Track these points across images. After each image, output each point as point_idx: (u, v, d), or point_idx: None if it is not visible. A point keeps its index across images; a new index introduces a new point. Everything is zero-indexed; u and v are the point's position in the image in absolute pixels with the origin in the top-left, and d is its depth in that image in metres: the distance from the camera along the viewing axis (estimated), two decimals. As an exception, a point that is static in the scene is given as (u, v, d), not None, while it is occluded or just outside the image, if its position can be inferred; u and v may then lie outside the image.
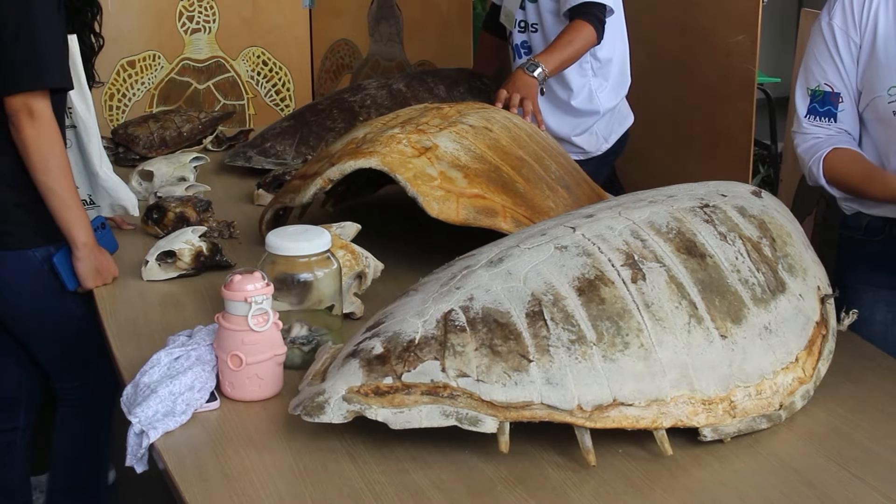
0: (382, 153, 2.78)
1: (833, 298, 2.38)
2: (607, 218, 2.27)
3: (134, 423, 2.11)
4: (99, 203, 3.07)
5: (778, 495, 1.97)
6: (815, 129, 2.72)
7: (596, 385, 2.01)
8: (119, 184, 3.08)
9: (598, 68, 3.82)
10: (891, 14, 2.62)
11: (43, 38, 2.68)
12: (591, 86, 3.82)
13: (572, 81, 3.81)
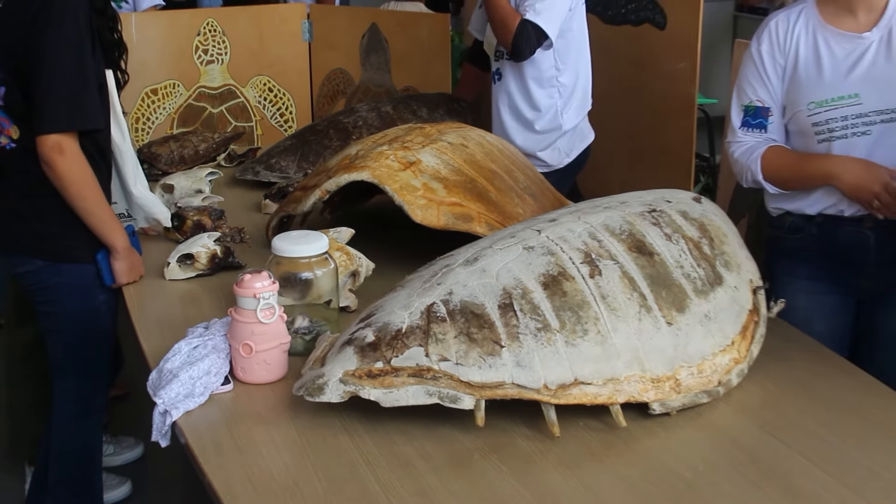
0: (373, 167, 2.78)
1: (763, 289, 2.39)
2: (568, 222, 2.27)
3: (158, 403, 2.11)
4: (135, 216, 3.07)
5: (717, 460, 1.98)
6: (749, 137, 2.72)
7: (559, 367, 2.01)
8: (153, 200, 3.08)
9: (563, 91, 3.81)
10: (809, 42, 2.64)
11: (75, 84, 2.67)
12: (557, 106, 3.81)
13: (540, 102, 3.80)
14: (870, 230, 2.63)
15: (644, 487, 1.88)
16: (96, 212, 2.75)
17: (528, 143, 3.82)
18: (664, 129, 4.23)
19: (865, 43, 2.61)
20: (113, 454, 3.81)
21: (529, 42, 3.57)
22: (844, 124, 2.58)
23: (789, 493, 1.86)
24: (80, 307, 2.89)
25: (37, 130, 2.68)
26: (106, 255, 2.78)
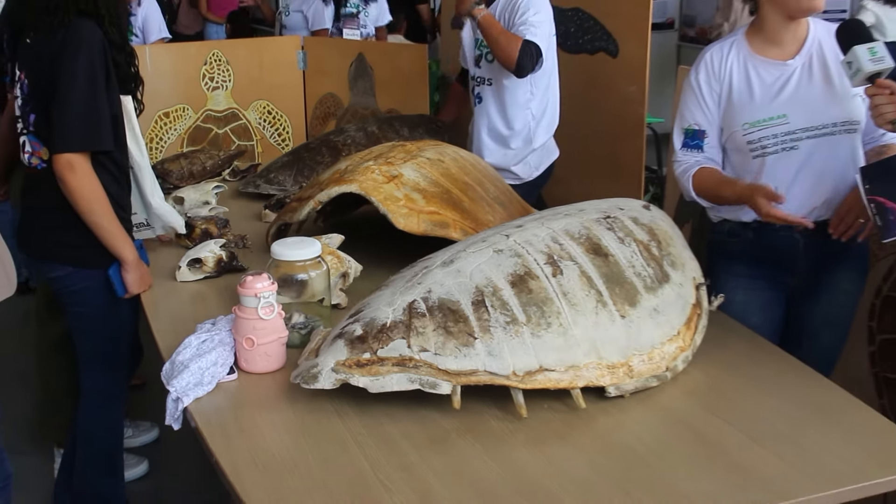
0: (360, 180, 2.77)
1: (705, 286, 2.39)
2: (533, 227, 2.27)
3: (171, 391, 2.11)
4: (153, 225, 3.06)
5: (665, 436, 1.99)
6: (687, 157, 2.73)
7: (526, 356, 2.01)
8: (169, 210, 3.07)
9: (535, 114, 3.81)
10: (741, 70, 2.65)
11: (87, 110, 2.66)
12: (530, 127, 3.81)
13: (515, 123, 3.80)
14: (800, 234, 2.64)
15: (601, 461, 1.88)
16: (105, 225, 2.73)
17: (503, 159, 3.83)
18: (618, 145, 4.24)
19: (790, 69, 2.62)
20: (132, 437, 3.80)
21: (532, 60, 3.58)
22: (775, 141, 2.59)
23: (729, 464, 1.87)
24: (104, 308, 2.88)
25: (52, 150, 2.68)
26: (117, 268, 2.77)
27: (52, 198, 2.77)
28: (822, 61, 2.61)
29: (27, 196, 2.92)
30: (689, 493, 1.78)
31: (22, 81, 2.79)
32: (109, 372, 3.04)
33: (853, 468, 1.87)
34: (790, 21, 2.61)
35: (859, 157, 2.63)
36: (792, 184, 2.60)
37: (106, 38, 2.72)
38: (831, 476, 1.85)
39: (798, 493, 1.79)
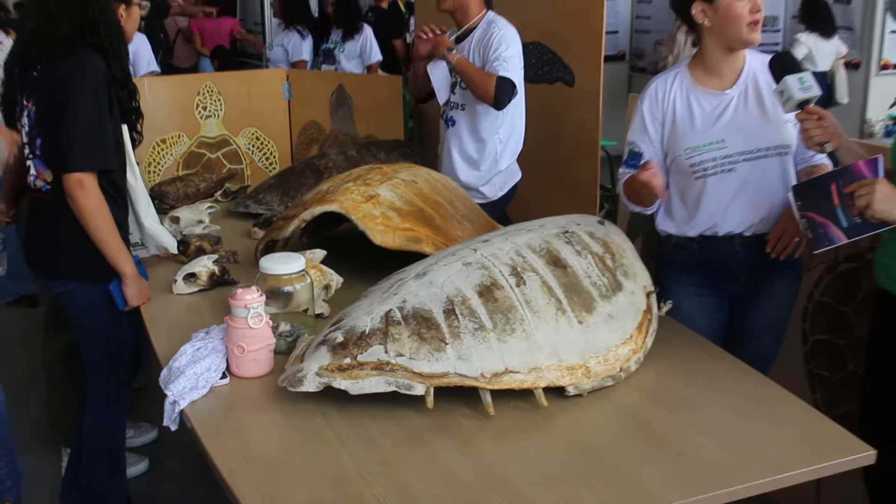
0: (341, 200, 2.77)
1: (654, 293, 2.40)
2: (498, 242, 2.28)
3: (169, 395, 2.10)
4: (147, 245, 3.05)
5: (619, 430, 2.00)
6: (626, 173, 2.75)
7: (493, 359, 2.02)
8: (162, 231, 3.06)
9: (502, 139, 3.81)
10: (683, 99, 2.66)
11: (94, 133, 2.66)
12: (497, 150, 3.81)
13: (485, 147, 3.80)
14: (739, 245, 2.66)
15: (562, 454, 1.89)
16: (109, 241, 2.72)
17: (472, 179, 3.83)
18: (575, 166, 4.26)
19: (728, 98, 2.64)
20: (133, 437, 3.77)
21: (508, 94, 3.58)
22: (714, 164, 2.61)
23: (677, 454, 1.88)
24: (106, 320, 2.87)
25: (62, 169, 2.66)
26: (117, 283, 2.76)
27: (55, 219, 2.76)
28: (756, 90, 2.63)
29: (32, 218, 2.91)
30: (640, 481, 1.79)
31: (29, 109, 2.78)
32: (112, 378, 3.03)
33: (789, 457, 1.89)
34: (729, 53, 2.63)
35: (791, 177, 2.65)
36: (731, 202, 2.62)
37: (109, 71, 2.72)
38: (769, 464, 1.86)
39: (739, 479, 1.81)
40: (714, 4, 2.57)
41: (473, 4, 3.76)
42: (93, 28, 2.70)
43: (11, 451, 2.53)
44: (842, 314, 2.92)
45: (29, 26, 2.81)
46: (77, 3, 2.69)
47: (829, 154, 2.37)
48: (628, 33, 8.99)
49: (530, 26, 4.15)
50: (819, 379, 3.02)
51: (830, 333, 2.97)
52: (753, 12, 2.55)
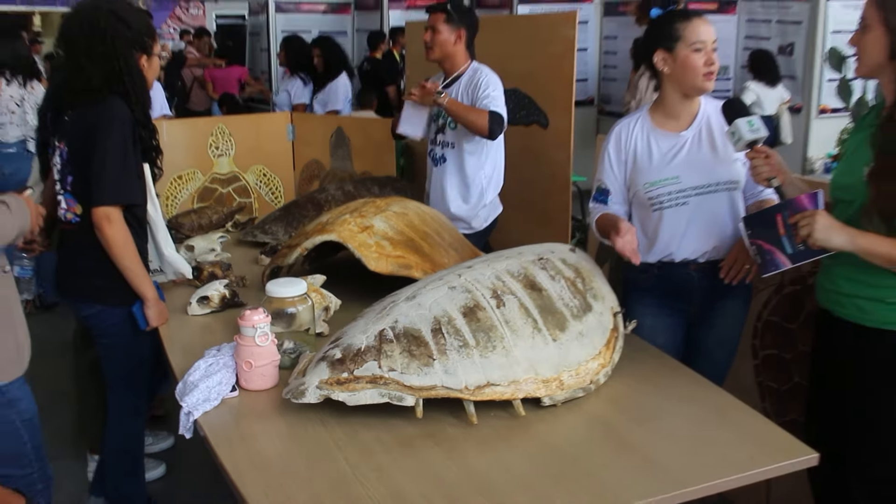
0: (339, 230, 2.77)
1: (620, 314, 2.40)
2: (481, 268, 2.28)
3: (184, 406, 2.10)
4: (165, 271, 3.04)
5: (591, 437, 2.00)
6: (595, 208, 2.75)
7: (476, 373, 2.01)
8: (178, 259, 3.05)
9: (487, 176, 3.82)
10: (644, 140, 2.67)
11: (121, 171, 2.67)
12: (483, 185, 3.82)
13: (472, 183, 3.81)
14: (694, 271, 2.66)
15: (539, 459, 1.89)
16: (133, 268, 2.72)
17: (461, 211, 3.84)
18: (549, 200, 4.28)
19: (683, 139, 2.65)
20: (151, 444, 3.75)
21: (500, 125, 3.61)
22: (670, 197, 2.62)
23: (642, 458, 1.88)
24: (128, 340, 2.86)
25: (91, 204, 2.67)
26: (140, 306, 2.75)
27: (83, 248, 2.76)
28: (709, 132, 2.64)
29: (62, 247, 2.90)
30: (608, 483, 1.79)
31: (62, 150, 2.79)
32: (132, 391, 3.02)
33: (741, 459, 1.89)
34: (686, 98, 2.65)
35: (739, 210, 2.66)
36: (685, 232, 2.63)
37: (133, 115, 2.73)
38: (724, 466, 1.87)
39: (698, 480, 1.81)
40: (673, 54, 2.59)
41: (460, 55, 3.80)
42: (118, 77, 2.71)
43: (42, 458, 2.51)
44: (787, 331, 2.93)
45: (60, 76, 2.82)
46: (104, 56, 2.70)
47: (775, 189, 2.38)
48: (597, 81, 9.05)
49: (509, 75, 4.17)
50: (768, 390, 3.02)
51: (778, 349, 2.97)
52: (708, 64, 2.57)
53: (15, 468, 2.43)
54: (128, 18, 2.77)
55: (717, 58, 2.61)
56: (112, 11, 2.74)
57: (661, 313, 2.71)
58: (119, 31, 2.73)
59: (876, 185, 2.15)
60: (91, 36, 2.71)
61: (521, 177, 4.25)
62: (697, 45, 2.56)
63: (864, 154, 2.22)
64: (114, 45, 2.72)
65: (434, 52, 3.81)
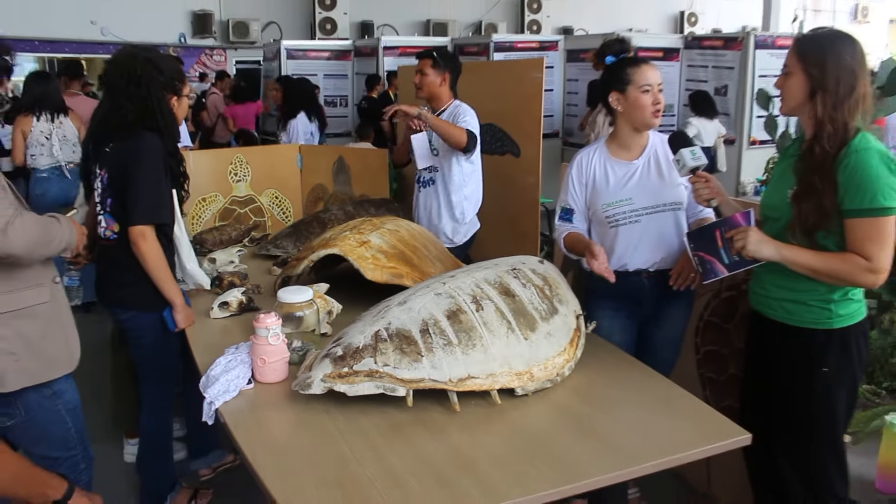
0: (340, 245, 2.76)
1: (582, 316, 2.41)
2: (462, 277, 2.27)
3: (207, 397, 2.09)
4: (187, 282, 3.04)
5: (557, 422, 1.99)
6: (561, 226, 2.75)
7: (458, 368, 2.01)
8: (199, 272, 3.06)
9: (468, 197, 3.82)
10: (601, 167, 2.68)
11: (154, 194, 2.67)
12: (464, 206, 3.82)
13: (456, 203, 3.81)
14: (645, 279, 2.67)
15: (513, 441, 1.89)
16: (164, 278, 2.71)
17: (448, 228, 3.84)
18: (520, 219, 4.29)
19: (635, 167, 2.66)
20: (179, 430, 3.71)
21: (474, 141, 3.64)
22: (624, 216, 2.62)
23: (600, 440, 1.88)
24: (158, 340, 2.84)
25: (129, 223, 2.66)
26: (169, 311, 2.74)
27: (120, 261, 2.75)
28: (657, 160, 2.65)
29: (101, 260, 2.89)
30: (571, 462, 1.79)
31: (102, 176, 2.78)
32: (162, 385, 2.99)
33: (686, 441, 1.90)
34: (636, 133, 2.66)
35: (683, 227, 2.66)
36: (637, 245, 2.63)
37: (164, 147, 2.73)
38: (671, 446, 1.87)
39: (648, 458, 1.82)
40: (625, 95, 2.60)
41: (444, 94, 3.82)
42: (151, 115, 2.72)
43: (85, 441, 2.49)
44: (725, 330, 2.93)
45: (101, 113, 2.82)
46: (139, 96, 2.71)
47: (714, 208, 2.39)
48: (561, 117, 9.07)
49: (486, 112, 4.18)
50: (708, 380, 3.02)
51: (717, 345, 2.98)
52: (655, 104, 2.59)
53: (62, 450, 2.43)
54: (160, 64, 2.78)
55: (663, 98, 2.63)
56: (147, 59, 2.75)
57: (616, 315, 2.71)
58: (153, 76, 2.74)
59: (798, 205, 2.17)
60: (129, 80, 2.72)
61: (496, 199, 4.26)
62: (645, 87, 2.58)
63: (788, 179, 2.24)
64: (148, 88, 2.72)
65: (422, 91, 3.84)
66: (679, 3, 19.00)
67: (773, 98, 4.24)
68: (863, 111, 2.16)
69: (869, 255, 2.09)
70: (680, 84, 8.39)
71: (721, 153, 7.52)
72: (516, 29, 16.24)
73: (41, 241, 2.17)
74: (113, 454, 3.60)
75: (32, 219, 2.15)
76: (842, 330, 2.22)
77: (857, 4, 23.42)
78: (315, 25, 14.07)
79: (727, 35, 8.68)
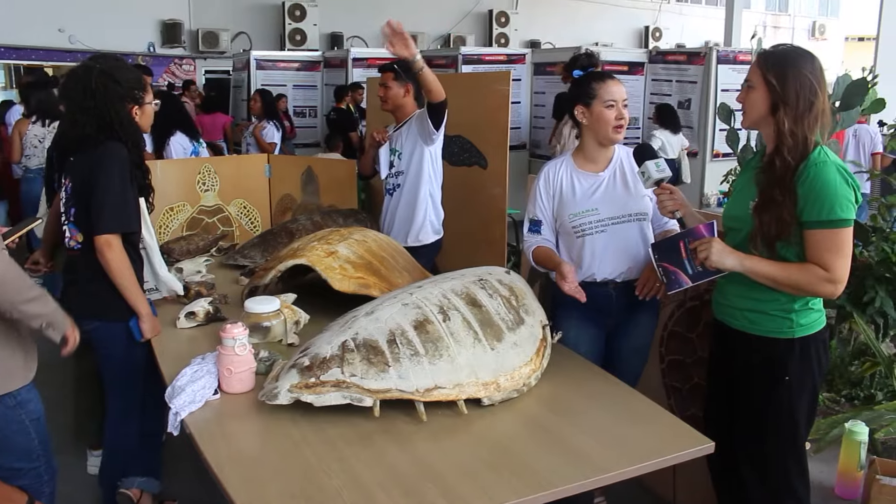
0: (308, 255, 2.74)
1: (549, 326, 2.41)
2: (429, 287, 2.27)
3: (172, 407, 2.06)
4: (160, 289, 3.01)
5: (523, 431, 1.99)
6: (529, 238, 2.76)
7: (425, 378, 2.00)
8: (172, 278, 3.04)
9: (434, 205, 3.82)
10: (568, 179, 2.69)
11: (120, 203, 2.63)
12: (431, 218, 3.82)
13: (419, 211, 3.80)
14: (612, 289, 2.68)
15: (480, 451, 1.88)
16: (130, 287, 2.67)
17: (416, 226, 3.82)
18: (488, 229, 4.29)
19: (601, 178, 2.67)
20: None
21: (444, 106, 3.54)
22: (590, 226, 2.63)
23: (566, 449, 1.88)
24: (123, 350, 2.79)
25: (94, 232, 2.62)
26: (135, 321, 2.70)
27: (85, 272, 2.71)
28: (623, 172, 2.67)
29: (67, 270, 2.85)
30: (538, 469, 1.78)
31: (67, 186, 2.74)
32: (126, 395, 2.94)
33: (651, 449, 1.90)
34: (601, 146, 2.68)
35: (648, 237, 2.68)
36: (603, 255, 2.64)
37: (129, 156, 2.69)
38: (636, 455, 1.87)
39: (614, 467, 1.82)
40: (590, 108, 2.62)
41: (409, 105, 3.83)
42: (109, 128, 2.68)
43: (49, 452, 2.45)
44: (688, 340, 2.95)
45: (63, 126, 2.80)
46: (95, 110, 2.67)
47: (678, 219, 2.41)
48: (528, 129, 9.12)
49: (454, 124, 4.18)
50: (673, 389, 3.04)
51: (681, 354, 3.00)
52: (618, 118, 2.61)
53: (25, 461, 2.38)
54: (117, 75, 2.73)
55: (628, 112, 2.65)
56: (102, 71, 2.71)
57: (583, 326, 2.72)
58: (109, 87, 2.70)
59: (759, 216, 2.19)
60: (84, 94, 2.68)
61: (464, 209, 4.26)
62: (610, 102, 2.60)
63: (750, 191, 2.26)
64: (104, 100, 2.68)
65: (387, 104, 3.85)
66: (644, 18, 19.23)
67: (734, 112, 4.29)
68: (822, 125, 2.19)
69: (828, 266, 2.12)
70: (644, 97, 8.48)
71: (685, 165, 7.61)
72: (484, 42, 16.33)
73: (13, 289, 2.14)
74: (76, 466, 3.53)
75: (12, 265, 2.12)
76: (802, 339, 2.25)
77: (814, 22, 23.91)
78: (285, 36, 14.02)
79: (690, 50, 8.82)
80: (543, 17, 17.19)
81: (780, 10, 23.47)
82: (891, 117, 7.59)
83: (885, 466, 2.97)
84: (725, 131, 4.71)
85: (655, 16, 19.32)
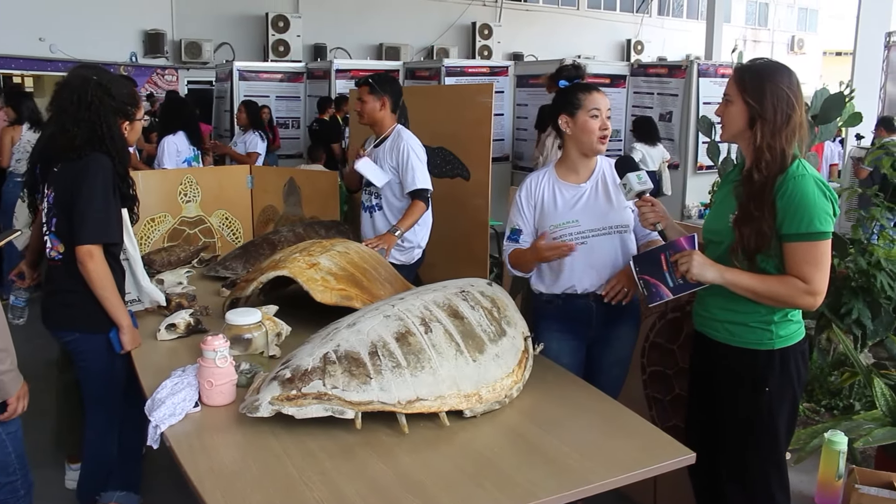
0: (290, 267, 2.74)
1: (530, 338, 2.41)
2: (411, 299, 2.26)
3: (152, 420, 2.05)
4: (142, 300, 2.99)
5: (505, 443, 1.99)
6: (509, 246, 2.77)
7: (407, 390, 2.00)
8: (154, 289, 3.02)
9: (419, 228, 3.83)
10: (550, 190, 2.70)
11: (102, 213, 2.62)
12: (418, 236, 3.82)
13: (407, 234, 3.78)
14: (592, 301, 2.68)
15: (462, 463, 1.88)
16: (111, 298, 2.65)
17: (401, 257, 3.81)
18: (470, 240, 4.29)
19: (583, 189, 2.68)
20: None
21: (428, 192, 3.71)
22: (571, 238, 2.64)
23: (548, 461, 1.88)
24: (103, 363, 2.77)
25: (75, 242, 2.60)
26: (116, 333, 2.68)
27: (66, 282, 2.69)
28: (605, 184, 2.69)
29: (47, 281, 2.83)
30: (520, 482, 1.78)
31: (49, 196, 2.72)
32: (107, 408, 2.91)
33: (633, 460, 1.91)
34: (584, 157, 2.69)
35: (630, 249, 2.69)
36: (584, 267, 2.65)
37: (114, 168, 2.68)
38: (618, 466, 1.88)
39: (596, 479, 1.82)
40: (574, 118, 2.64)
41: (386, 119, 3.82)
42: (100, 141, 2.67)
43: (25, 466, 2.42)
44: (670, 351, 2.97)
45: (49, 133, 2.77)
46: (88, 122, 2.66)
47: (659, 232, 2.42)
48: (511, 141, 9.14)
49: (436, 135, 4.20)
50: (654, 400, 3.05)
51: (662, 365, 3.01)
52: (602, 129, 2.62)
53: (1, 476, 2.36)
54: (113, 89, 2.73)
55: (611, 124, 2.66)
56: (99, 83, 2.70)
57: (565, 338, 2.72)
58: (104, 101, 2.69)
59: (739, 229, 2.21)
60: (79, 105, 2.66)
61: (446, 221, 4.26)
62: (594, 112, 2.61)
63: (730, 204, 2.28)
64: (98, 113, 2.67)
65: (364, 118, 3.84)
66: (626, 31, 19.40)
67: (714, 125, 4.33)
68: (799, 139, 2.21)
69: (807, 278, 2.14)
70: (626, 110, 8.53)
71: (666, 177, 7.65)
72: (468, 54, 16.40)
73: None
74: (54, 480, 3.49)
75: None
76: (782, 350, 2.27)
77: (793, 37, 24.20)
78: (268, 47, 14.03)
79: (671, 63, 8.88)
80: (526, 29, 17.31)
81: (759, 25, 23.76)
82: (867, 130, 7.67)
83: (864, 476, 2.98)
84: (707, 144, 4.74)
85: (637, 29, 19.49)
